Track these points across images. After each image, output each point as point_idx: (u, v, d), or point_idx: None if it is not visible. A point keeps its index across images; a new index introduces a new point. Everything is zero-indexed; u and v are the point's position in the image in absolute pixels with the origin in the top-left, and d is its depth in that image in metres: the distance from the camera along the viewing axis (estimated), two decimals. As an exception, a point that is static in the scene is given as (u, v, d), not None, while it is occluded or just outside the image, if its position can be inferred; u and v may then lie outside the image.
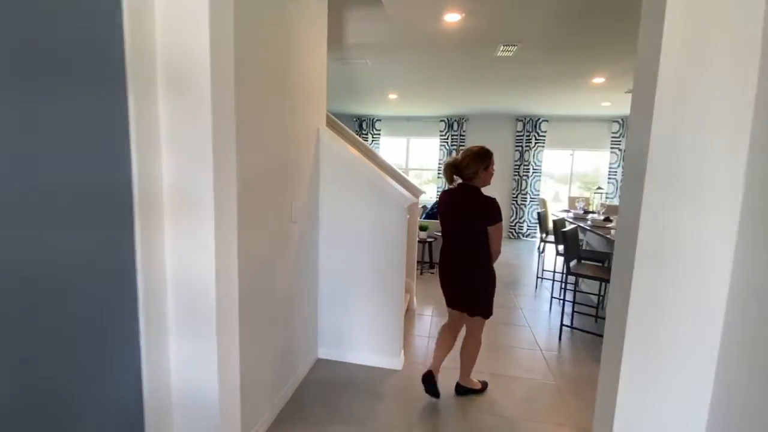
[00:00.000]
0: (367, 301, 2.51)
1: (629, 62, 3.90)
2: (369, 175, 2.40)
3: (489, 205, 1.99)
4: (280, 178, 1.90)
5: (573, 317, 3.51)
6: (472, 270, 2.08)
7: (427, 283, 4.59)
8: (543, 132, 7.56)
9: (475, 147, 2.06)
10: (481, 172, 2.03)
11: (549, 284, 4.67)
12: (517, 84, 5.02)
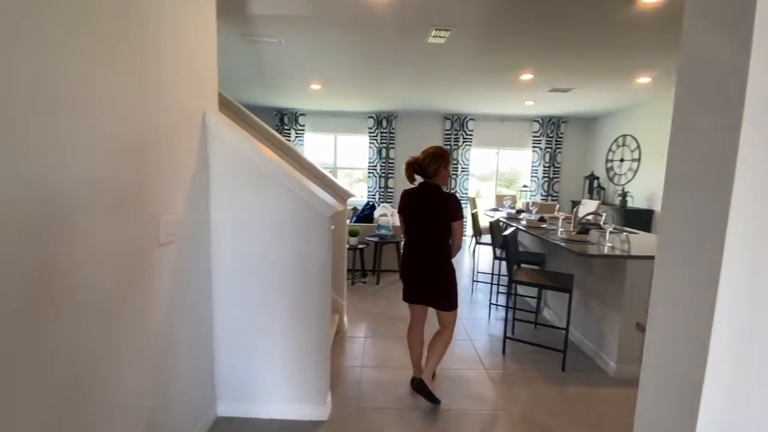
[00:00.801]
0: (282, 337, 1.95)
1: (556, 57, 3.83)
2: (282, 177, 1.83)
3: (453, 201, 2.10)
4: (130, 184, 1.26)
5: (513, 325, 3.31)
6: (439, 265, 2.15)
7: (360, 294, 4.12)
8: (470, 131, 7.55)
9: (432, 147, 2.14)
10: (441, 170, 2.11)
11: (484, 287, 4.50)
12: (447, 78, 4.77)
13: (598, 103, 6.05)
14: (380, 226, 4.55)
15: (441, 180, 2.14)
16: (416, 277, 2.20)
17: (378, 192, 7.68)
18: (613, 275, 2.64)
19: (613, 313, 2.63)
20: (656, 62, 3.86)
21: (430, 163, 2.08)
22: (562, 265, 3.39)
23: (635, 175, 6.34)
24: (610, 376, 2.59)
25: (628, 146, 6.55)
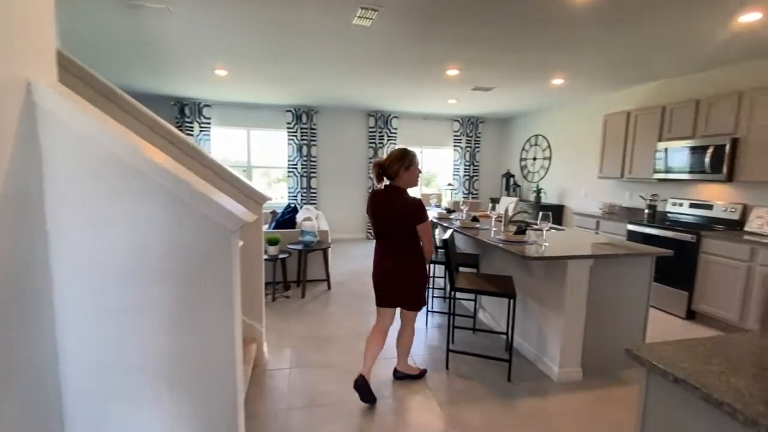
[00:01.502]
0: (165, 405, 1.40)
1: (482, 52, 3.74)
2: (169, 182, 1.29)
3: (411, 205, 2.10)
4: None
5: (453, 333, 3.11)
6: (402, 269, 2.18)
7: (283, 312, 3.59)
8: (394, 129, 7.37)
9: (396, 149, 2.19)
10: (402, 172, 2.13)
11: (418, 291, 4.29)
12: (372, 70, 4.45)
13: (515, 104, 6.28)
14: (304, 232, 4.06)
15: (403, 182, 2.16)
16: (383, 279, 2.23)
17: (300, 193, 7.09)
18: (553, 276, 2.57)
19: (554, 316, 2.55)
20: (570, 64, 4.01)
21: (390, 164, 2.13)
22: (496, 265, 3.29)
23: (547, 172, 6.75)
24: (554, 381, 2.50)
25: (539, 145, 6.96)
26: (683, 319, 3.67)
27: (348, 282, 4.60)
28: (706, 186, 4.06)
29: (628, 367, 2.71)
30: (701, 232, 3.53)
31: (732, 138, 3.51)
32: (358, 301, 3.93)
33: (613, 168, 4.94)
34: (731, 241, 3.29)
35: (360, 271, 5.14)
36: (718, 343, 1.14)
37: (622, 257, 2.53)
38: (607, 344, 2.64)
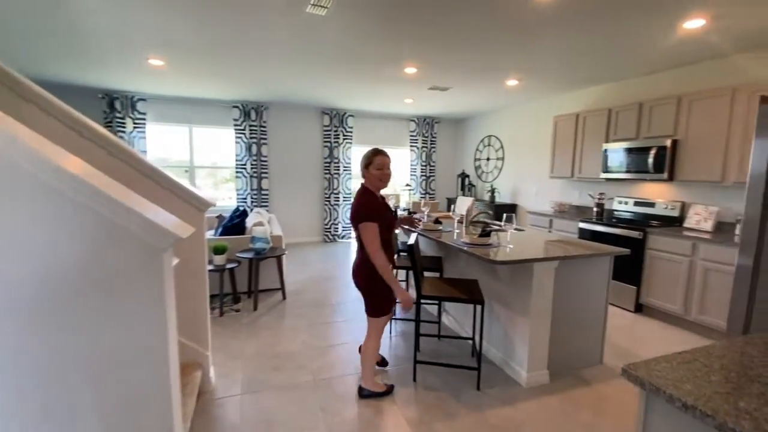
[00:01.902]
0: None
1: (441, 50, 3.65)
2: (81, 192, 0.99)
3: (355, 205, 2.06)
4: None
5: (419, 342, 2.98)
6: (357, 272, 2.17)
7: (233, 328, 3.25)
8: (350, 128, 7.15)
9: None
10: (364, 171, 2.11)
11: (379, 297, 4.12)
12: (327, 65, 4.21)
13: (470, 104, 6.33)
14: (255, 238, 3.73)
15: (368, 182, 2.12)
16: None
17: (250, 195, 6.64)
18: (518, 278, 2.51)
19: (521, 319, 2.50)
20: (524, 64, 4.05)
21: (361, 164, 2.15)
22: (460, 268, 3.21)
23: (500, 172, 6.89)
24: (523, 387, 2.45)
25: (492, 146, 7.09)
26: (632, 312, 3.84)
27: (305, 290, 4.33)
28: (649, 185, 4.29)
29: (590, 365, 2.74)
30: (647, 229, 3.71)
31: (672, 140, 3.72)
32: (316, 311, 3.68)
33: (563, 168, 5.11)
34: (674, 237, 3.48)
35: (318, 277, 4.87)
36: (710, 354, 1.09)
37: (585, 258, 2.54)
38: (571, 344, 2.64)
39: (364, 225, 1.99)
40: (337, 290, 4.35)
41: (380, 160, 2.08)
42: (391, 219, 2.15)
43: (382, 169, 2.08)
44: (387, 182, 2.12)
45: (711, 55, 3.52)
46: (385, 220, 2.07)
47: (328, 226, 7.24)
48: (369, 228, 1.99)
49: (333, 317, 3.54)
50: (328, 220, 7.23)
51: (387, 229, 2.10)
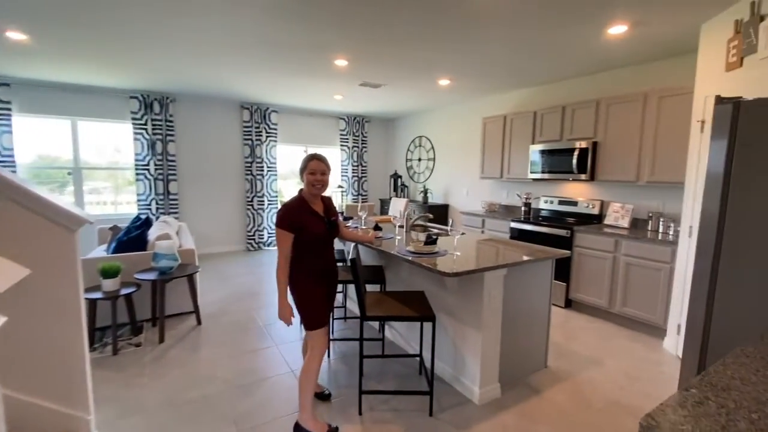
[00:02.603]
0: None
1: (374, 42, 3.38)
2: None
3: (279, 209, 1.96)
4: None
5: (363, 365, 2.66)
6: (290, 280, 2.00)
7: (131, 371, 2.60)
8: (274, 124, 6.57)
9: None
10: (302, 178, 2.00)
11: (314, 312, 3.72)
12: (245, 53, 3.67)
13: (401, 103, 6.18)
14: (159, 255, 3.08)
15: (304, 188, 2.01)
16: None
17: (155, 200, 5.71)
18: (468, 288, 2.34)
19: (471, 331, 2.33)
20: (456, 64, 3.96)
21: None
22: (403, 277, 2.97)
23: (432, 173, 6.88)
24: (476, 404, 2.27)
25: (423, 147, 7.06)
26: (563, 308, 3.98)
27: (226, 311, 3.75)
28: (572, 184, 4.51)
29: (536, 370, 2.68)
30: (574, 228, 3.85)
31: (593, 142, 3.91)
32: (240, 337, 3.16)
33: (493, 169, 5.19)
34: (598, 235, 3.65)
35: (241, 293, 4.29)
36: (715, 387, 0.95)
37: (532, 262, 2.45)
38: (518, 351, 2.55)
39: (276, 231, 1.90)
40: (265, 308, 3.84)
41: (313, 164, 1.97)
42: (321, 230, 1.98)
43: (314, 173, 1.96)
44: (320, 188, 1.98)
45: (628, 61, 3.76)
46: (309, 231, 1.92)
47: (251, 233, 6.57)
48: (280, 237, 1.89)
49: (261, 342, 3.06)
50: (251, 226, 6.55)
51: (316, 240, 1.97)
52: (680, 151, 3.24)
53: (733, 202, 1.38)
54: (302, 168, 1.99)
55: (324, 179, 1.97)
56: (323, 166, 1.98)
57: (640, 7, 2.55)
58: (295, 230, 1.88)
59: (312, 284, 1.96)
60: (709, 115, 2.68)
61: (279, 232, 1.88)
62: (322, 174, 1.97)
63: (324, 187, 1.98)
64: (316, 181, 1.94)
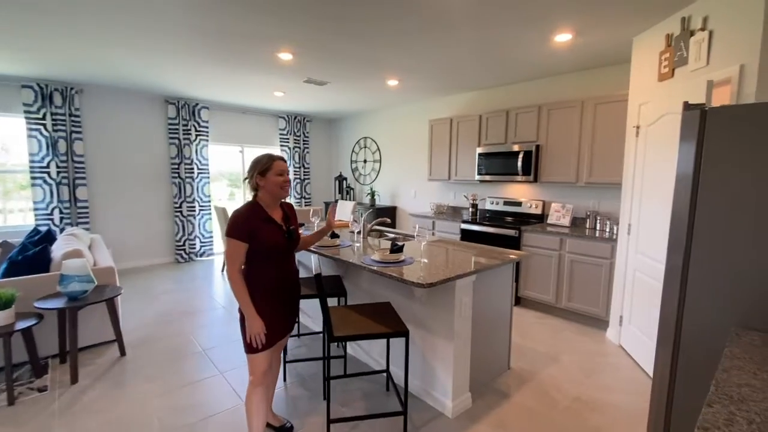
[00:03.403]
0: None
1: (321, 35, 3.15)
2: None
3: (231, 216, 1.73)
4: None
5: (329, 389, 2.43)
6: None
7: (34, 420, 2.08)
8: (205, 122, 5.96)
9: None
10: (260, 180, 1.76)
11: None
12: (168, 39, 3.21)
13: (347, 103, 5.98)
14: (67, 278, 2.53)
15: (266, 193, 1.78)
16: None
17: (58, 209, 4.84)
18: (437, 296, 2.23)
19: (442, 342, 2.23)
20: (405, 64, 3.88)
21: (248, 177, 1.81)
22: (363, 286, 2.80)
23: (378, 175, 6.78)
24: (449, 418, 2.18)
25: (369, 148, 6.93)
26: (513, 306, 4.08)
27: (155, 336, 3.25)
28: (516, 185, 4.69)
29: (501, 373, 2.68)
30: (522, 227, 3.98)
31: (536, 145, 4.08)
32: (175, 367, 2.73)
33: (441, 171, 5.22)
34: (544, 234, 3.81)
35: (173, 313, 3.77)
36: (733, 398, 0.92)
37: (498, 266, 2.43)
38: (485, 356, 2.52)
39: (226, 240, 1.69)
40: (204, 328, 3.40)
41: (280, 165, 1.79)
42: (278, 240, 1.78)
43: (282, 174, 1.78)
44: (287, 191, 1.81)
45: (569, 68, 3.97)
46: (264, 240, 1.72)
47: (180, 242, 5.89)
48: (231, 247, 1.68)
49: (203, 371, 2.67)
50: (181, 235, 5.88)
51: (272, 251, 1.77)
52: (615, 153, 3.48)
53: (702, 201, 1.43)
54: (264, 169, 1.76)
55: (288, 180, 1.82)
56: (287, 167, 1.83)
57: (580, 17, 2.66)
58: (249, 239, 1.68)
59: (260, 300, 1.73)
60: (643, 121, 2.90)
61: (229, 241, 1.67)
62: (287, 175, 1.83)
63: (289, 190, 1.83)
64: (285, 182, 1.77)
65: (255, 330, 1.69)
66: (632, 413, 2.24)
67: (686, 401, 1.51)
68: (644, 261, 2.82)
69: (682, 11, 2.49)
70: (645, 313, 2.79)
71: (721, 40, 2.19)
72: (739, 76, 2.04)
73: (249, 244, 1.68)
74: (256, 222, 1.71)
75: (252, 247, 1.69)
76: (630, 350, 3.00)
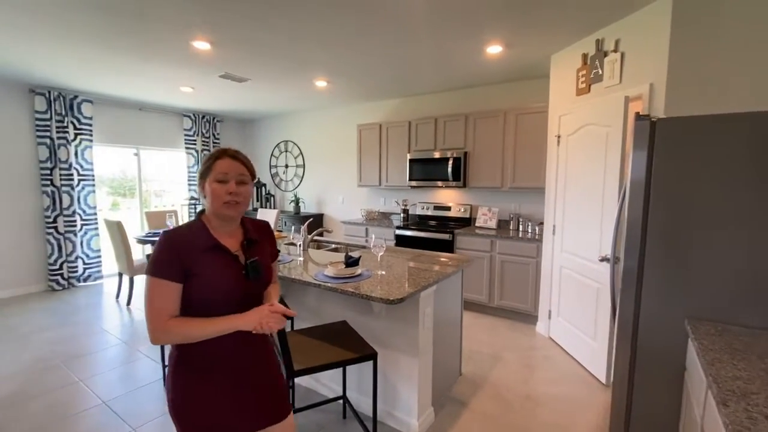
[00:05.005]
0: None
1: (247, 32, 2.81)
2: None
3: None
4: None
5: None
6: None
7: None
8: (87, 118, 4.94)
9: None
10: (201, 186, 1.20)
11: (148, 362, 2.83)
12: (37, 9, 2.54)
13: (267, 103, 5.53)
14: None
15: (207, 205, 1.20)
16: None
17: None
18: (398, 311, 2.10)
19: (406, 359, 2.10)
20: (334, 65, 3.71)
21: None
22: (310, 306, 2.53)
23: (302, 180, 6.42)
24: (417, 439, 2.05)
25: (291, 152, 6.53)
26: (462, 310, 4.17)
27: (29, 392, 2.49)
28: (446, 191, 4.82)
29: (455, 380, 2.66)
30: (455, 231, 4.09)
31: (464, 152, 4.25)
32: (64, 430, 2.11)
33: (371, 176, 5.14)
34: (476, 237, 3.96)
35: (53, 357, 2.97)
36: (736, 393, 0.96)
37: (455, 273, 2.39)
38: (441, 366, 2.46)
39: (146, 279, 1.10)
40: (99, 375, 2.73)
41: (222, 165, 1.17)
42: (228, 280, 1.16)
43: (225, 181, 1.15)
44: (235, 207, 1.18)
45: (495, 80, 4.19)
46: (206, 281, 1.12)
47: (57, 265, 4.77)
48: (153, 289, 1.08)
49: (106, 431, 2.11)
50: (56, 256, 4.76)
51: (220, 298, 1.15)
52: (536, 160, 3.78)
53: (654, 206, 1.55)
54: (203, 172, 1.19)
55: (241, 191, 1.18)
56: (241, 168, 1.19)
57: (510, 30, 2.79)
58: (182, 277, 1.11)
59: (198, 381, 1.16)
60: (563, 131, 3.19)
61: (151, 282, 1.08)
62: (241, 182, 1.18)
63: (242, 206, 1.20)
64: (226, 194, 1.15)
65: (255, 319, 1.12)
66: (577, 403, 2.39)
67: (645, 392, 1.62)
68: (569, 258, 3.09)
69: (596, 33, 2.79)
70: (572, 306, 3.05)
71: (631, 61, 2.49)
72: (649, 93, 2.33)
73: (184, 285, 1.11)
74: (195, 251, 1.13)
75: (189, 290, 1.11)
76: (559, 341, 3.25)
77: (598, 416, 2.26)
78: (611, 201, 2.53)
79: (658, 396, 1.58)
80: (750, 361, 1.13)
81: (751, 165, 1.37)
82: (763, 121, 1.35)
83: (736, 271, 1.42)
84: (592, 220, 2.76)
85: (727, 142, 1.40)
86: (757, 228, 1.38)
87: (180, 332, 1.08)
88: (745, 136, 1.38)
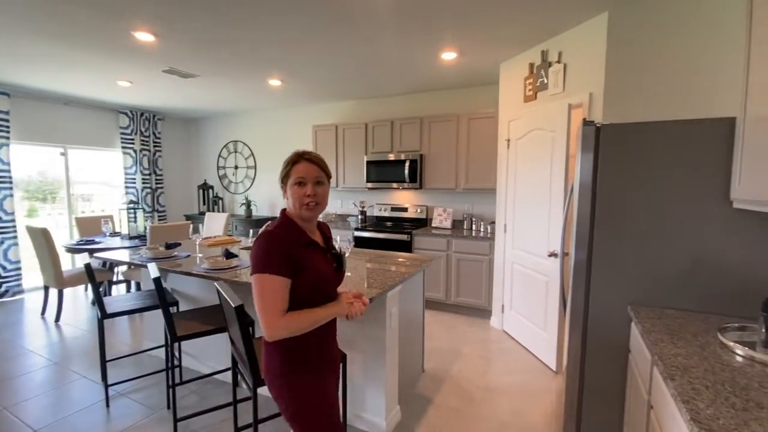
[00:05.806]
0: None
1: (196, 24, 2.67)
2: None
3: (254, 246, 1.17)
4: None
5: None
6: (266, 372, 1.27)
7: None
8: (3, 113, 4.38)
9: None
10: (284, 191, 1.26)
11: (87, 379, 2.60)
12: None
13: (214, 101, 5.25)
14: None
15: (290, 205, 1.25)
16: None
17: None
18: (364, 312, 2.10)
19: (373, 362, 2.10)
20: (288, 64, 3.63)
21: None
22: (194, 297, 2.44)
23: (253, 182, 6.18)
24: (386, 439, 2.07)
25: (240, 153, 6.26)
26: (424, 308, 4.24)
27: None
28: (402, 192, 4.90)
29: (418, 377, 2.71)
30: (413, 232, 4.18)
31: (420, 154, 4.35)
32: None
33: (327, 178, 5.07)
34: (432, 237, 4.07)
35: None
36: (684, 369, 1.08)
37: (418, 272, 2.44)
38: (405, 363, 2.50)
39: (256, 278, 1.13)
40: (27, 401, 2.42)
41: (301, 168, 1.22)
42: (328, 272, 1.27)
43: (303, 183, 1.21)
44: (314, 208, 1.23)
45: (449, 85, 4.33)
46: (313, 273, 1.20)
47: None
48: (265, 283, 1.12)
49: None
50: (-36, 269, 4.15)
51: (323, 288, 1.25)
52: (487, 163, 3.97)
53: (600, 204, 1.70)
54: (283, 176, 1.25)
55: (320, 192, 1.23)
56: (316, 171, 1.23)
57: (462, 38, 2.92)
58: (292, 273, 1.15)
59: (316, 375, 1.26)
60: (513, 135, 3.38)
61: (263, 279, 1.12)
62: (318, 183, 1.23)
63: (320, 207, 1.25)
64: (305, 196, 1.20)
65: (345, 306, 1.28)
66: (532, 390, 2.55)
67: (596, 375, 1.76)
68: (520, 255, 3.28)
69: (541, 45, 3.00)
70: (523, 300, 3.24)
71: (573, 71, 2.72)
72: (589, 101, 2.56)
73: (293, 280, 1.16)
74: (299, 248, 1.19)
75: (297, 284, 1.16)
76: (513, 333, 3.44)
77: (552, 401, 2.42)
78: (558, 200, 2.73)
79: (607, 378, 1.74)
80: (686, 340, 1.28)
81: (678, 166, 1.56)
82: (687, 127, 1.54)
83: (664, 260, 1.60)
84: (540, 218, 2.95)
85: (660, 145, 1.58)
86: (679, 221, 1.56)
87: (296, 324, 1.14)
88: (672, 140, 1.56)
